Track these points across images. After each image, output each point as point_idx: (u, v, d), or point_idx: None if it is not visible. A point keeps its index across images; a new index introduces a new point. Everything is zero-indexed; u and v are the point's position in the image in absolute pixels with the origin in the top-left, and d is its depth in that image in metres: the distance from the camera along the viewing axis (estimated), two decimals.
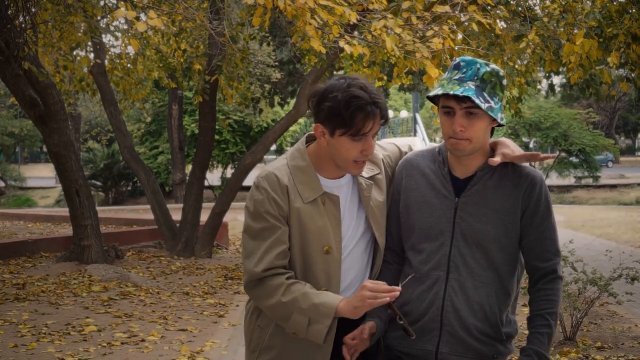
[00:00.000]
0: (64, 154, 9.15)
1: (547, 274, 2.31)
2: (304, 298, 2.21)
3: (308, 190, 2.30)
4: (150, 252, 10.90)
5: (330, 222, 2.30)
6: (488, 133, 2.30)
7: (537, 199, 2.29)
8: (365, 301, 2.14)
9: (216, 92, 10.54)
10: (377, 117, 2.23)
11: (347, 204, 2.36)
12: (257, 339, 2.38)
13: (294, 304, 2.21)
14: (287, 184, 2.29)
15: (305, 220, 2.28)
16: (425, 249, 2.33)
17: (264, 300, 2.27)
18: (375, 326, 2.33)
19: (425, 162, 2.40)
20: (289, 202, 2.28)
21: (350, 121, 2.19)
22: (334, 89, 2.22)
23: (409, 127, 29.82)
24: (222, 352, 5.62)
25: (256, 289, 2.28)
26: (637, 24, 7.01)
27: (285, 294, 2.23)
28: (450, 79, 2.25)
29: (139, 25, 5.20)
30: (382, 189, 2.41)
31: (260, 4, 5.46)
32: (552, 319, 2.28)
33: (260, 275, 2.25)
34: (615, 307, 7.17)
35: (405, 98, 50.40)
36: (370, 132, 2.24)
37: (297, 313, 2.21)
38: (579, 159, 26.76)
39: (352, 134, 2.21)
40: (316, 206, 2.29)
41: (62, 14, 7.83)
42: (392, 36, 5.61)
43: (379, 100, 2.22)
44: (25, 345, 5.61)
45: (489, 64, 2.27)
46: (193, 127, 23.87)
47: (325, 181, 2.34)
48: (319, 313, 2.20)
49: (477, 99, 2.19)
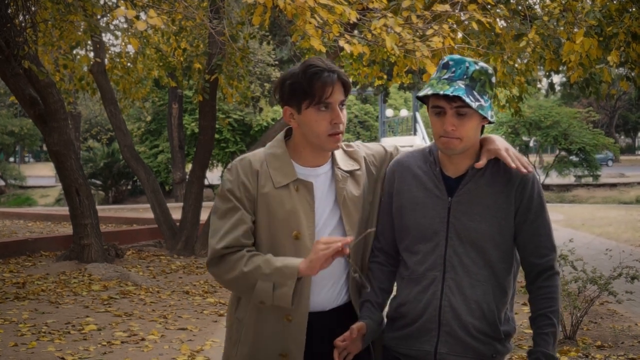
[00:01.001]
0: (64, 152, 9.16)
1: (544, 270, 2.30)
2: (266, 264, 2.23)
3: (280, 175, 2.33)
4: (150, 251, 10.90)
5: (302, 208, 2.31)
6: (479, 131, 2.29)
7: (529, 195, 2.28)
8: (319, 253, 2.15)
9: (216, 91, 10.54)
10: (337, 85, 2.27)
11: (323, 193, 2.36)
12: (235, 332, 2.41)
13: (257, 271, 2.23)
14: (259, 169, 2.34)
15: (274, 205, 2.31)
16: (421, 250, 2.32)
17: (227, 274, 2.28)
18: (366, 326, 2.33)
19: (417, 162, 2.39)
20: (257, 187, 2.32)
21: (310, 89, 2.25)
22: (292, 70, 2.32)
23: (409, 126, 29.83)
24: (222, 351, 5.61)
25: (218, 266, 2.31)
26: (637, 23, 7.01)
27: (247, 264, 2.25)
28: (439, 78, 2.24)
29: (139, 24, 5.20)
30: (359, 184, 2.41)
31: (260, 3, 5.46)
32: (554, 317, 2.28)
33: (222, 252, 2.29)
34: (615, 306, 7.17)
35: (405, 97, 50.31)
36: (332, 98, 2.27)
37: (261, 280, 2.22)
38: (579, 157, 26.75)
39: (317, 104, 2.26)
40: (287, 192, 2.32)
41: (62, 13, 7.83)
42: (392, 35, 5.61)
43: (336, 68, 2.28)
44: (26, 344, 5.61)
45: (478, 62, 2.26)
46: (193, 126, 23.86)
47: (300, 169, 2.36)
48: (283, 275, 2.21)
49: (467, 98, 2.18)
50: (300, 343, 2.31)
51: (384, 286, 2.42)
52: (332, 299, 2.37)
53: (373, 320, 2.36)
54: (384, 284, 2.42)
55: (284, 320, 2.31)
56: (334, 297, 2.37)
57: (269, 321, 2.32)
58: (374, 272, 2.43)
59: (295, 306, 2.28)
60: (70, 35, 8.49)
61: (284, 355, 2.32)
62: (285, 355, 2.32)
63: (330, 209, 2.36)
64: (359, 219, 2.39)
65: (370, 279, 2.41)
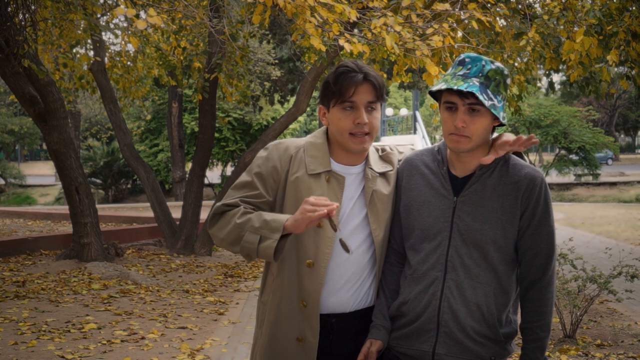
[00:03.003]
0: (64, 151, 9.16)
1: (539, 279, 2.29)
2: (257, 217, 2.28)
3: (316, 163, 2.37)
4: (150, 249, 10.90)
5: (330, 199, 2.32)
6: (489, 132, 2.27)
7: (536, 200, 2.26)
8: (305, 214, 2.17)
9: (216, 90, 10.54)
10: (365, 86, 2.30)
11: (352, 190, 2.39)
12: (261, 315, 2.48)
13: (247, 223, 2.28)
14: (293, 154, 2.38)
15: (302, 190, 2.34)
16: (424, 249, 2.32)
17: (222, 229, 2.34)
18: (382, 344, 2.36)
19: (425, 161, 2.39)
20: (288, 171, 2.36)
21: (337, 88, 2.29)
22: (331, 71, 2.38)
23: (409, 125, 29.78)
24: (222, 349, 5.62)
25: (216, 223, 2.37)
26: (637, 22, 7.00)
27: (240, 217, 2.31)
28: (454, 74, 2.23)
29: (139, 23, 5.19)
30: (389, 184, 2.43)
31: (260, 2, 5.46)
32: (542, 331, 2.28)
33: (222, 208, 2.36)
34: (614, 304, 7.18)
35: (405, 96, 50.39)
36: (356, 97, 2.29)
37: (249, 232, 2.27)
38: (578, 156, 26.76)
39: (341, 102, 2.29)
40: (318, 180, 2.35)
41: (61, 12, 7.83)
42: (392, 34, 5.61)
43: (368, 70, 2.31)
44: (26, 342, 5.61)
45: (494, 61, 2.25)
46: (193, 124, 23.87)
47: (335, 164, 2.40)
48: (269, 228, 2.25)
49: (481, 95, 2.16)
50: (314, 330, 2.34)
51: (394, 287, 2.42)
52: (353, 300, 2.38)
53: (386, 330, 2.38)
54: (394, 285, 2.42)
55: (300, 305, 2.34)
56: (355, 299, 2.38)
57: (287, 305, 2.37)
58: (384, 273, 2.43)
59: (308, 293, 2.32)
60: (70, 34, 8.49)
61: (300, 339, 2.36)
62: (301, 339, 2.35)
63: (357, 206, 2.38)
64: (387, 217, 2.41)
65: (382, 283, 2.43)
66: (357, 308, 2.38)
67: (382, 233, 2.38)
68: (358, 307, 2.38)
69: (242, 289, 8.12)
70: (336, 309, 2.35)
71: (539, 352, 2.28)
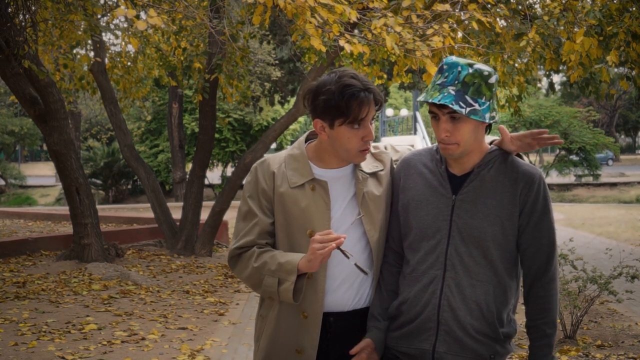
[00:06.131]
0: (64, 152, 9.15)
1: (541, 276, 2.29)
2: (272, 260, 2.31)
3: (297, 175, 2.38)
4: (150, 250, 10.90)
5: (317, 207, 2.35)
6: (479, 133, 2.27)
7: (535, 196, 2.26)
8: (316, 253, 2.20)
9: (216, 91, 10.53)
10: (372, 103, 2.29)
11: (342, 193, 2.39)
12: (259, 328, 2.49)
13: (264, 267, 2.32)
14: (275, 170, 2.40)
15: (289, 204, 2.36)
16: (423, 248, 2.32)
17: (242, 272, 2.39)
18: (372, 342, 2.36)
19: (423, 160, 2.40)
20: (274, 187, 2.39)
21: (347, 109, 2.26)
22: (327, 83, 2.30)
23: (409, 126, 29.79)
24: (222, 350, 5.62)
25: (235, 265, 2.42)
26: (637, 23, 7.01)
27: (257, 260, 2.34)
28: (434, 83, 2.25)
29: (139, 23, 5.19)
30: (381, 184, 2.43)
31: (260, 3, 5.46)
32: (548, 328, 2.29)
33: (236, 252, 2.40)
34: (615, 305, 7.17)
35: (405, 96, 50.37)
36: (367, 117, 2.30)
37: (268, 276, 2.31)
38: (579, 157, 26.76)
39: (351, 122, 2.28)
40: (302, 191, 2.36)
41: (62, 13, 7.83)
42: (392, 35, 5.61)
43: (371, 86, 2.30)
44: (26, 343, 5.61)
45: (473, 64, 2.22)
46: (193, 125, 23.87)
47: (318, 170, 2.40)
48: (285, 271, 2.28)
49: (457, 105, 2.16)
50: (314, 340, 2.34)
51: (392, 288, 2.41)
52: (351, 299, 2.38)
53: (379, 330, 2.37)
54: (392, 285, 2.41)
55: (300, 316, 2.35)
56: (352, 297, 2.38)
57: (287, 317, 2.37)
58: (382, 273, 2.42)
59: (310, 303, 2.33)
60: (70, 35, 8.49)
61: (299, 351, 2.36)
62: (300, 351, 2.36)
63: (348, 209, 2.38)
64: (381, 218, 2.40)
65: (380, 283, 2.42)
66: (355, 307, 2.38)
67: (377, 234, 2.38)
68: (356, 306, 2.38)
69: (242, 290, 8.12)
70: (334, 308, 2.35)
71: (547, 349, 2.28)
